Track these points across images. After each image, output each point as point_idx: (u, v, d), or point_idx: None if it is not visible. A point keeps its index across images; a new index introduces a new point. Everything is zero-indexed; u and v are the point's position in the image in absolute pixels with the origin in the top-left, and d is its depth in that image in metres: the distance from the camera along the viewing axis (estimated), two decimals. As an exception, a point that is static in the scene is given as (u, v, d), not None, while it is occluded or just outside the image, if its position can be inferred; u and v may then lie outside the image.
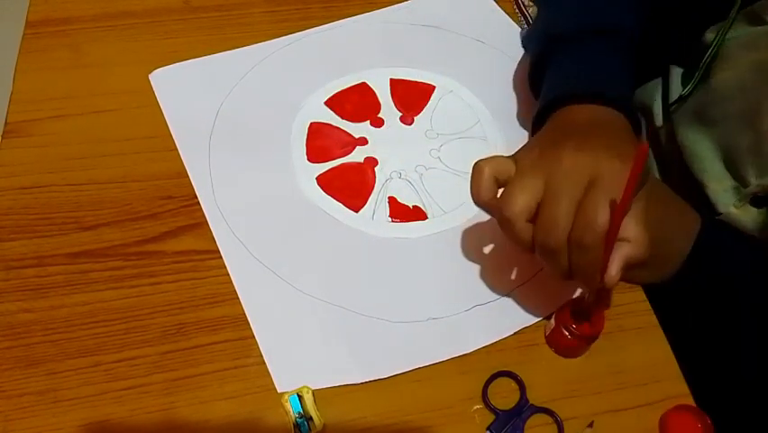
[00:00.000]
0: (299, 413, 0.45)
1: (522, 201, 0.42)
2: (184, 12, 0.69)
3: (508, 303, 0.52)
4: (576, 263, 0.42)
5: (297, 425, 0.45)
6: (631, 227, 0.41)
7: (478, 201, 0.45)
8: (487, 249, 0.55)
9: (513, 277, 0.53)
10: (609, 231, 0.40)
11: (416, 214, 0.56)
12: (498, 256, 0.54)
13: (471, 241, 0.55)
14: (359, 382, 0.47)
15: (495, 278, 0.53)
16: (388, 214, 0.56)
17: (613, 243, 0.40)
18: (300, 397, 0.46)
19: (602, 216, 0.39)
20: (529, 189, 0.42)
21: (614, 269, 0.41)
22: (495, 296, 0.52)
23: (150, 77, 0.62)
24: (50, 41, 0.65)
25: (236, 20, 0.69)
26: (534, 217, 0.43)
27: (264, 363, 0.48)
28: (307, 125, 0.61)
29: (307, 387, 0.46)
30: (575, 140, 0.44)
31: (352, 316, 0.50)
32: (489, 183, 0.44)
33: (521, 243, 0.43)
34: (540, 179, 0.42)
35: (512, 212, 0.42)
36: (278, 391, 0.46)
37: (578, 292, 0.50)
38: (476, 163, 0.45)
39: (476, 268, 0.54)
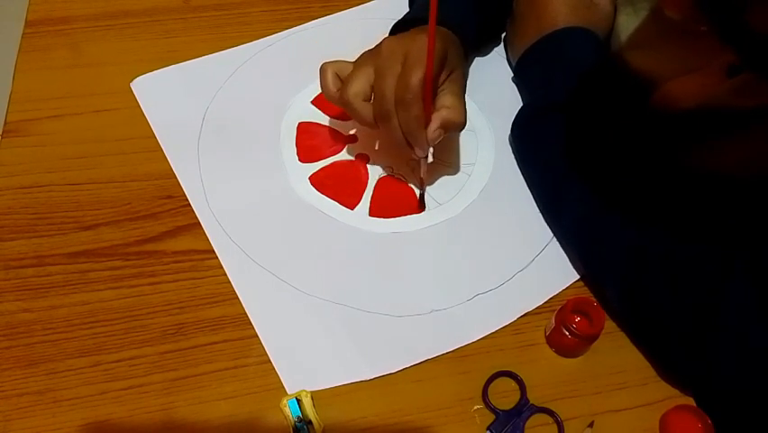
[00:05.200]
0: (298, 417, 0.45)
1: (356, 86, 0.51)
2: (183, 11, 0.69)
3: (509, 290, 0.52)
4: (403, 123, 0.50)
5: (296, 429, 0.45)
6: (449, 98, 0.52)
7: (327, 96, 0.54)
8: (484, 238, 0.55)
9: (512, 264, 0.54)
10: (425, 90, 0.49)
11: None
12: (496, 244, 0.55)
13: (468, 231, 0.55)
14: (369, 378, 0.47)
15: (494, 266, 0.53)
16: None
17: (430, 100, 0.50)
18: (299, 401, 0.46)
19: (414, 77, 0.48)
20: (361, 76, 0.51)
21: (434, 125, 0.51)
22: (495, 284, 0.52)
23: (132, 85, 0.62)
24: (50, 41, 0.65)
25: (236, 19, 0.69)
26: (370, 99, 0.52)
27: (264, 363, 0.48)
28: (296, 125, 0.61)
29: (306, 391, 0.46)
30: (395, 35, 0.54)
31: (356, 313, 0.50)
32: (333, 78, 0.54)
33: (362, 119, 0.52)
34: (370, 66, 0.52)
35: (348, 95, 0.51)
36: (288, 393, 0.46)
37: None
38: (321, 65, 0.54)
39: (474, 257, 0.54)
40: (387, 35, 0.56)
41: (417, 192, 0.57)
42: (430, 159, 0.57)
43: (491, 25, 0.67)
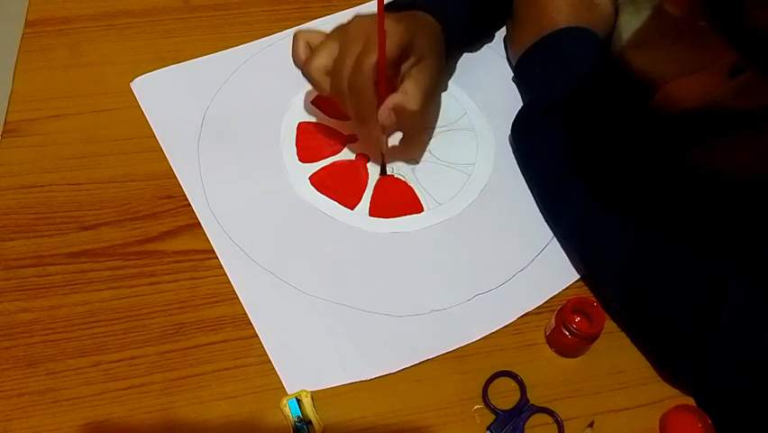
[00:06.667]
0: (298, 417, 0.45)
1: (320, 59, 0.52)
2: (183, 11, 0.69)
3: (509, 290, 0.52)
4: (355, 105, 0.51)
5: (296, 429, 0.45)
6: (409, 84, 0.52)
7: (295, 63, 0.54)
8: (484, 238, 0.55)
9: (511, 264, 0.54)
10: (378, 74, 0.49)
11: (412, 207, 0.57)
12: (496, 244, 0.55)
13: (468, 231, 0.55)
14: (368, 378, 0.47)
15: (494, 266, 0.53)
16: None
17: (383, 84, 0.50)
18: (299, 401, 0.46)
19: (367, 62, 0.48)
20: (326, 50, 0.52)
21: (384, 106, 0.51)
22: (495, 284, 0.52)
23: (132, 85, 0.62)
24: (50, 41, 0.65)
25: (236, 19, 0.69)
26: None
27: (264, 363, 0.48)
28: (296, 125, 0.61)
29: (306, 391, 0.46)
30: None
31: (356, 313, 0.50)
32: (303, 47, 0.54)
33: (322, 92, 0.53)
34: (336, 42, 0.52)
35: (311, 68, 0.52)
36: (288, 393, 0.46)
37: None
38: (294, 33, 0.55)
39: (474, 257, 0.54)
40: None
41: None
42: (395, 142, 0.58)
43: (487, 18, 0.67)
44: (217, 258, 0.52)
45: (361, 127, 0.54)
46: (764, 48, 0.35)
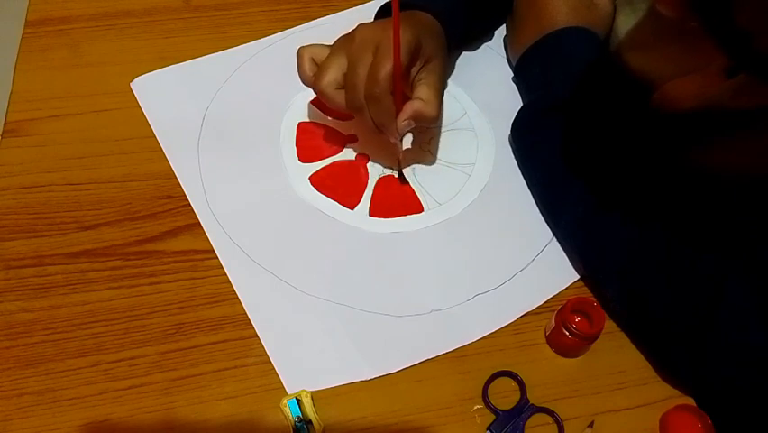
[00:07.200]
0: (298, 417, 0.45)
1: (329, 75, 0.51)
2: (183, 11, 0.69)
3: (509, 290, 0.52)
4: (374, 114, 0.51)
5: (296, 429, 0.45)
6: (423, 89, 0.52)
7: (303, 81, 0.54)
8: (484, 238, 0.55)
9: (512, 264, 0.54)
10: (394, 83, 0.49)
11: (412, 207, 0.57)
12: (496, 244, 0.55)
13: (468, 230, 0.55)
14: (369, 378, 0.47)
15: (494, 266, 0.53)
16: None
17: (399, 92, 0.50)
18: (299, 401, 0.46)
19: (383, 72, 0.48)
20: (334, 65, 0.51)
21: (403, 116, 0.51)
22: (495, 283, 0.52)
23: (132, 85, 0.62)
24: (50, 41, 0.65)
25: (236, 19, 0.69)
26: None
27: (264, 363, 0.48)
28: (296, 125, 0.61)
29: (306, 391, 0.46)
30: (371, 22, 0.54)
31: (356, 313, 0.50)
32: (309, 64, 0.53)
33: (336, 107, 0.52)
34: (343, 55, 0.51)
35: (322, 84, 0.51)
36: (288, 393, 0.46)
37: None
38: (298, 50, 0.54)
39: (474, 257, 0.54)
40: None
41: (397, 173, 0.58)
42: (408, 144, 0.58)
43: (484, 16, 0.67)
44: (217, 258, 0.52)
45: (379, 136, 0.53)
46: (753, 50, 0.35)
